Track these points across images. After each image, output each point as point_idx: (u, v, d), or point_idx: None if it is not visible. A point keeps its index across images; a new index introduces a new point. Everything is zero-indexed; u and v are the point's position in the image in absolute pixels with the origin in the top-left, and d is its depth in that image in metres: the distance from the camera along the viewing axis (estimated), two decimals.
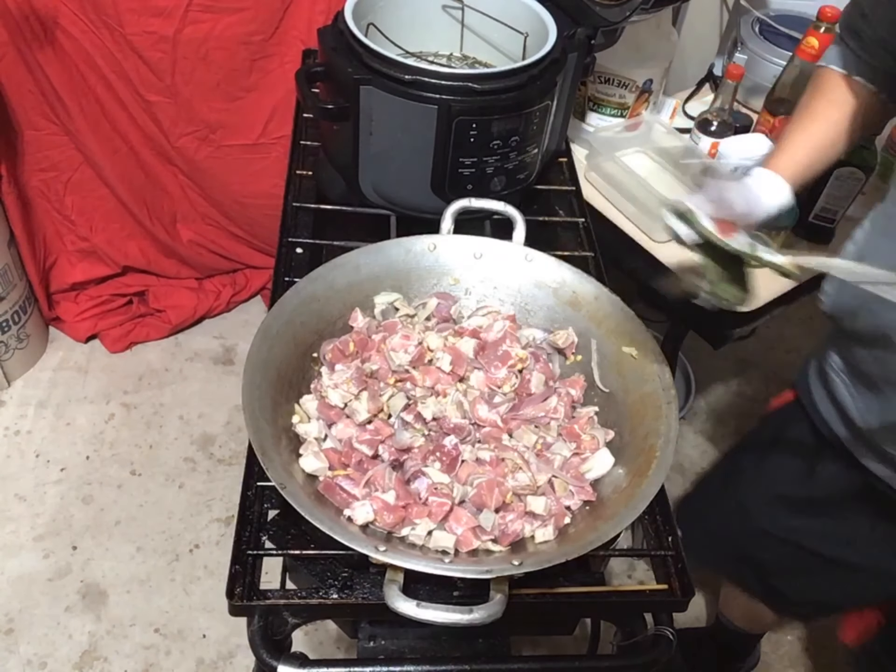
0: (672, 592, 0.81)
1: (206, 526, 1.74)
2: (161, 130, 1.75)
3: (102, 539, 1.70)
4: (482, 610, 0.67)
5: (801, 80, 1.41)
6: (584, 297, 0.92)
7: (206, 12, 1.57)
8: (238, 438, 1.90)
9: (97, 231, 1.94)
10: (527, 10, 1.11)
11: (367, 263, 0.93)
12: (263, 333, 0.81)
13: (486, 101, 0.98)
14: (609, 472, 0.82)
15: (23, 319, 1.90)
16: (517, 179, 1.09)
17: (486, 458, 0.80)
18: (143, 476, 1.81)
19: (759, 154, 1.35)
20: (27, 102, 1.69)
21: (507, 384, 0.88)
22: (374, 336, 0.90)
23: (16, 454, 1.83)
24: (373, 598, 0.78)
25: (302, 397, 0.84)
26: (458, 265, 0.96)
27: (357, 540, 0.68)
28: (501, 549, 0.75)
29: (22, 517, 1.72)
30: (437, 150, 1.01)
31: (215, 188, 1.90)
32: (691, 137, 1.43)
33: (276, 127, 1.79)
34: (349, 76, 0.98)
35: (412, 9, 1.16)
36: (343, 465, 0.79)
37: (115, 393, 1.97)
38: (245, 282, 2.16)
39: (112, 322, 2.04)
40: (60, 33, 1.57)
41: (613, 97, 1.47)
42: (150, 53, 1.61)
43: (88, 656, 1.53)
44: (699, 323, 1.41)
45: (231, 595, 0.76)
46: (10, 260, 1.82)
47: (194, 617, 1.60)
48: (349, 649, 1.56)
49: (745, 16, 1.69)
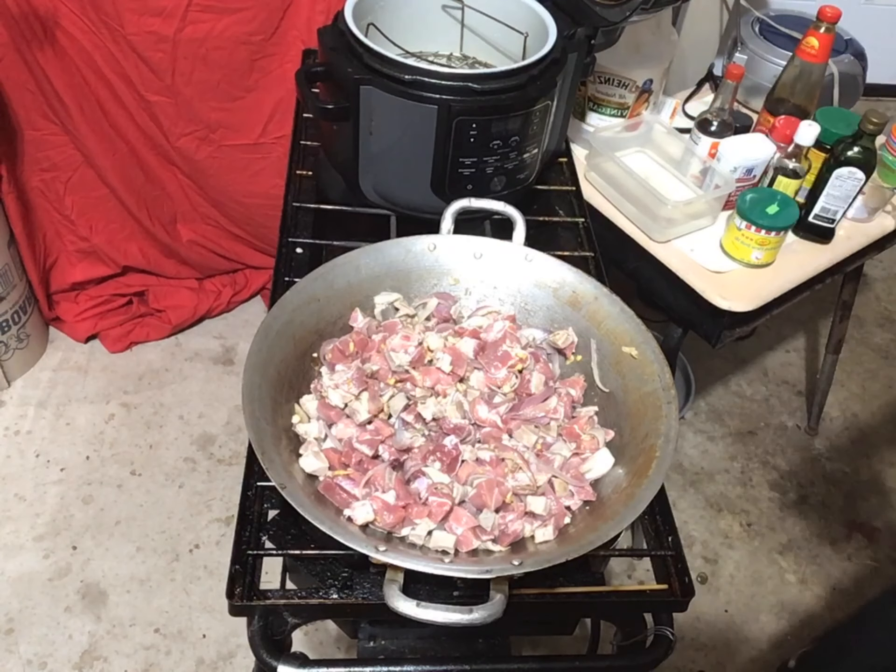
0: (672, 592, 0.81)
1: (206, 526, 1.74)
2: (161, 130, 1.75)
3: (102, 539, 1.70)
4: (482, 610, 0.67)
5: (801, 80, 1.42)
6: (583, 297, 0.92)
7: (206, 12, 1.57)
8: (238, 438, 1.90)
9: (97, 231, 1.94)
10: (527, 10, 1.11)
11: (367, 263, 0.93)
12: (263, 333, 0.81)
13: (486, 101, 0.98)
14: (609, 472, 0.82)
15: (23, 319, 1.91)
16: (517, 179, 1.09)
17: (486, 458, 0.80)
18: (143, 476, 1.82)
19: (759, 154, 1.35)
20: (27, 102, 1.69)
21: (506, 384, 0.88)
22: (374, 336, 0.90)
23: (16, 454, 1.83)
24: (373, 598, 0.78)
25: (302, 397, 0.84)
26: (458, 265, 0.96)
27: (357, 540, 0.68)
28: (501, 549, 0.75)
29: (22, 517, 1.72)
30: (437, 151, 1.01)
31: (215, 188, 1.90)
32: (691, 137, 1.43)
33: (276, 127, 1.79)
34: (349, 76, 0.98)
35: (412, 9, 1.16)
36: (343, 465, 0.79)
37: (115, 393, 1.97)
38: (245, 282, 2.16)
39: (112, 322, 2.04)
40: (60, 33, 1.57)
41: (613, 97, 1.47)
42: (150, 53, 1.61)
43: (88, 656, 1.53)
44: (699, 323, 1.41)
45: (231, 595, 0.76)
46: (10, 260, 1.82)
47: (194, 617, 1.60)
48: (349, 649, 1.56)
49: (745, 16, 1.69)
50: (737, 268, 1.34)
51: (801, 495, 1.91)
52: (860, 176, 1.29)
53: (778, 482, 1.93)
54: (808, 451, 2.00)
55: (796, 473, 1.95)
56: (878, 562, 1.80)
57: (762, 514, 1.86)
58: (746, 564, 1.77)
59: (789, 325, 2.29)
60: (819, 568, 1.78)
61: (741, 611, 1.70)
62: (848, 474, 1.96)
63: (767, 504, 1.89)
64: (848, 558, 1.80)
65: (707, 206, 1.37)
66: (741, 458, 1.97)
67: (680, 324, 1.47)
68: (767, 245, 1.29)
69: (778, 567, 1.78)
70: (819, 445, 2.02)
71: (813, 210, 1.36)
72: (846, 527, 1.86)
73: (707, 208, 1.38)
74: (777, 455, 1.99)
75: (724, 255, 1.35)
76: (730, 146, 1.35)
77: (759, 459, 1.97)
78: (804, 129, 1.28)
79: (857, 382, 2.18)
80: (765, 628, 1.67)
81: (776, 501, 1.89)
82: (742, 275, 1.33)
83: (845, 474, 1.96)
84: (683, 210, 1.34)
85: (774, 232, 1.27)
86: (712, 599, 1.71)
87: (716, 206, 1.38)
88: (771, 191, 1.32)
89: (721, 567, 1.76)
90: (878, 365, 2.23)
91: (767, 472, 1.95)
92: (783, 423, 2.06)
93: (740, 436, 2.02)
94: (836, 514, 1.88)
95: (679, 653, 1.56)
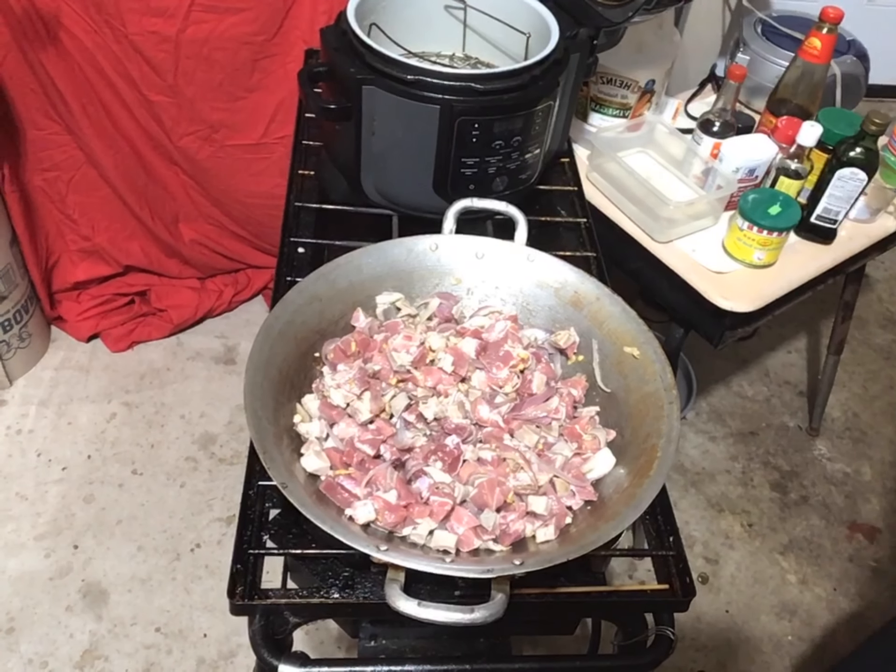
0: (673, 592, 0.81)
1: (208, 525, 1.74)
2: (163, 130, 1.75)
3: (103, 538, 1.70)
4: (483, 609, 0.67)
5: (804, 81, 1.42)
6: (585, 297, 0.92)
7: (208, 12, 1.57)
8: (239, 438, 1.90)
9: (99, 230, 1.94)
10: (529, 11, 1.11)
11: (369, 263, 0.93)
12: (265, 333, 0.81)
13: (489, 101, 0.98)
14: (610, 472, 0.82)
15: (25, 319, 1.91)
16: (519, 179, 1.09)
17: (487, 457, 0.80)
18: (144, 475, 1.82)
19: (761, 155, 1.35)
20: (30, 102, 1.69)
21: (508, 384, 0.88)
22: (376, 336, 0.90)
23: (17, 453, 1.83)
24: (374, 598, 0.78)
25: (304, 397, 0.84)
26: (459, 265, 0.96)
27: (358, 539, 0.68)
28: (502, 549, 0.75)
29: (23, 516, 1.72)
30: (440, 151, 1.01)
31: (217, 188, 1.90)
32: (693, 138, 1.43)
33: (278, 127, 1.79)
34: (351, 76, 0.98)
35: (414, 9, 1.16)
36: (345, 465, 0.79)
37: (117, 392, 1.97)
38: (247, 281, 2.16)
39: (114, 321, 2.04)
40: (63, 33, 1.57)
41: (616, 97, 1.47)
42: (153, 53, 1.61)
43: (89, 655, 1.53)
44: (700, 323, 1.41)
45: (232, 594, 0.76)
46: (13, 259, 1.82)
47: (195, 616, 1.60)
48: (350, 649, 1.56)
49: (748, 16, 1.69)
50: (738, 268, 1.34)
51: (802, 496, 1.91)
52: (862, 177, 1.29)
53: (779, 482, 1.93)
54: (810, 452, 2.00)
55: (797, 474, 1.95)
56: (879, 562, 1.80)
57: (763, 515, 1.86)
58: (747, 565, 1.77)
59: (791, 326, 2.29)
60: (820, 568, 1.78)
61: (742, 611, 1.70)
62: (849, 475, 1.96)
63: (768, 504, 1.89)
64: (849, 559, 1.80)
65: (709, 206, 1.37)
66: (742, 459, 1.97)
67: (681, 324, 1.47)
68: (769, 245, 1.29)
69: (779, 567, 1.77)
70: (820, 446, 2.02)
71: (815, 211, 1.36)
72: (847, 527, 1.86)
73: (709, 209, 1.38)
74: (778, 455, 1.99)
75: (725, 255, 1.35)
76: (732, 147, 1.35)
77: (761, 460, 1.97)
78: (806, 129, 1.27)
79: (858, 383, 2.17)
80: (765, 628, 1.67)
81: (777, 502, 1.89)
82: (744, 275, 1.33)
83: (846, 475, 1.96)
84: (685, 210, 1.34)
85: (776, 232, 1.27)
86: (713, 599, 1.71)
87: (718, 206, 1.38)
88: (773, 191, 1.32)
89: (722, 567, 1.76)
90: (879, 366, 2.22)
91: (769, 473, 1.95)
92: (784, 424, 2.06)
93: (742, 436, 2.02)
94: (837, 515, 1.88)
95: (680, 653, 1.56)
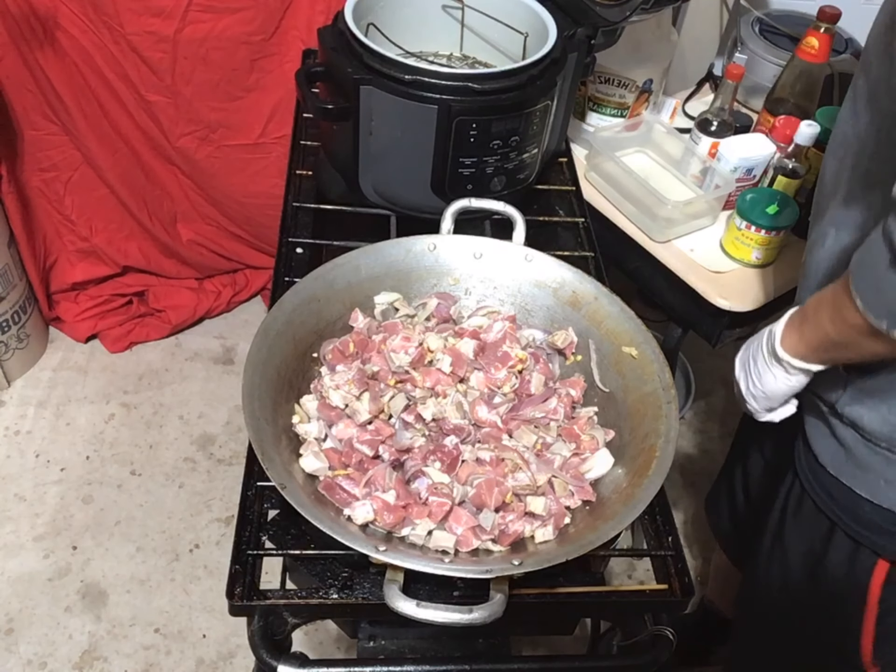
0: (672, 592, 0.81)
1: (206, 526, 1.74)
2: (161, 130, 1.75)
3: (102, 539, 1.70)
4: (482, 610, 0.67)
5: (801, 80, 1.42)
6: (583, 297, 0.92)
7: (206, 12, 1.57)
8: (238, 438, 1.90)
9: (97, 231, 1.94)
10: (527, 10, 1.11)
11: (367, 263, 0.93)
12: (263, 333, 0.81)
13: (486, 101, 0.98)
14: (609, 473, 0.82)
15: (23, 319, 1.91)
16: (517, 179, 1.09)
17: (486, 458, 0.80)
18: (142, 476, 1.82)
19: (759, 154, 1.35)
20: (27, 102, 1.69)
21: (506, 385, 0.88)
22: (374, 337, 0.90)
23: (16, 454, 1.83)
24: (373, 598, 0.78)
25: (302, 397, 0.84)
26: (458, 265, 0.96)
27: (357, 540, 0.68)
28: (501, 549, 0.75)
29: (22, 517, 1.72)
30: (437, 150, 1.01)
31: (215, 188, 1.90)
32: (691, 137, 1.43)
33: (276, 127, 1.79)
34: (349, 76, 0.98)
35: (412, 9, 1.16)
36: (343, 465, 0.79)
37: (115, 393, 1.97)
38: (245, 282, 2.16)
39: (112, 322, 2.04)
40: (60, 33, 1.57)
41: (613, 97, 1.47)
42: (150, 53, 1.61)
43: (88, 656, 1.53)
44: (699, 323, 1.41)
45: (231, 595, 0.76)
46: (10, 260, 1.82)
47: (194, 617, 1.60)
48: (349, 649, 1.56)
49: (745, 16, 1.69)
50: (737, 268, 1.34)
51: None
52: None
53: None
54: None
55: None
56: None
57: None
58: None
59: None
60: None
61: None
62: None
63: None
64: None
65: (707, 205, 1.37)
66: None
67: (680, 324, 1.47)
68: (767, 245, 1.29)
69: None
70: None
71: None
72: None
73: (707, 208, 1.38)
74: None
75: (724, 254, 1.35)
76: (730, 146, 1.35)
77: None
78: (804, 128, 1.27)
79: None
80: None
81: None
82: (742, 275, 1.33)
83: None
84: (683, 210, 1.34)
85: (774, 232, 1.27)
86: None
87: (716, 205, 1.38)
88: (771, 191, 1.32)
89: None
90: None
91: None
92: None
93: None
94: None
95: None
